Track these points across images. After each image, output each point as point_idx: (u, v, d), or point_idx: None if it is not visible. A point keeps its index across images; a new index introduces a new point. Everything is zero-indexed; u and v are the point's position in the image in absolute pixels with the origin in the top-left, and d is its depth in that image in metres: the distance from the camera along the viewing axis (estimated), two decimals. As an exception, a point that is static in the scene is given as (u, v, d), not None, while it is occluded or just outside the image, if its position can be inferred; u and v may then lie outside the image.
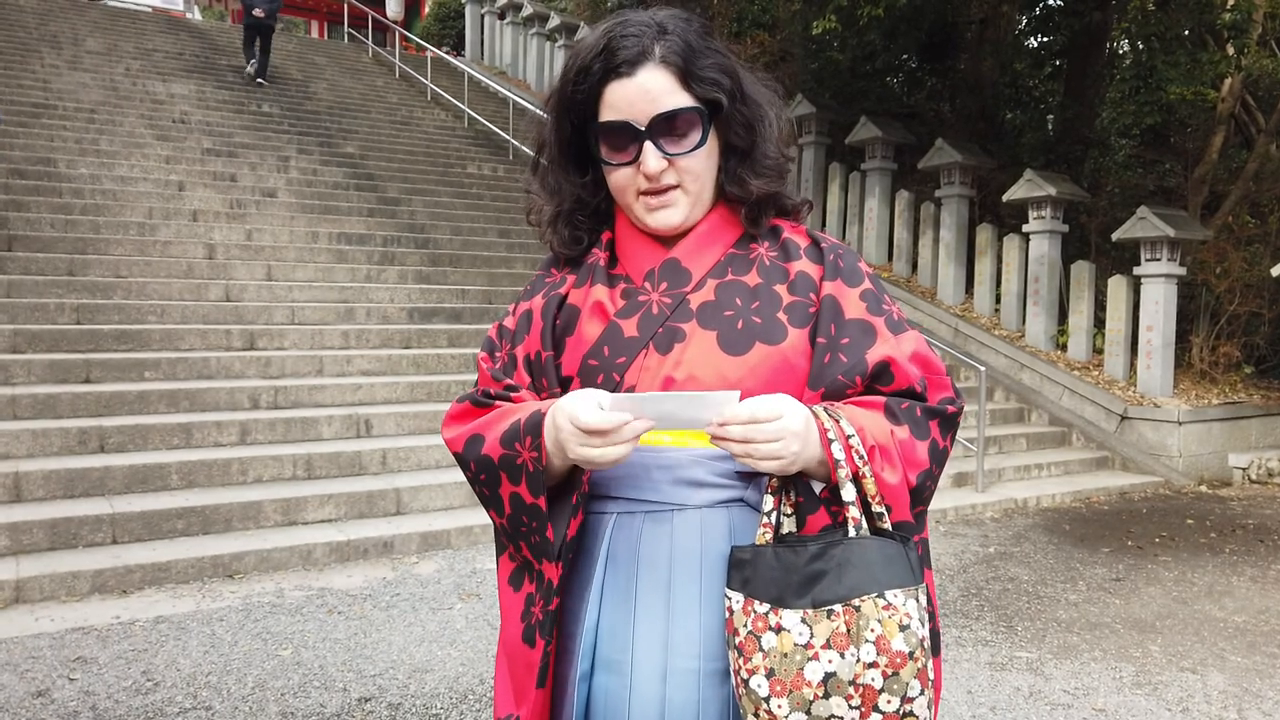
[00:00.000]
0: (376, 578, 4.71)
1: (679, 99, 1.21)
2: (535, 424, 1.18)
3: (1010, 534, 6.19)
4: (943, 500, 6.70)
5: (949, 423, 1.26)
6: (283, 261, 8.05)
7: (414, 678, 3.57)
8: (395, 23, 19.74)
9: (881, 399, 1.22)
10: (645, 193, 1.25)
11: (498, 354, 1.37)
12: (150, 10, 17.22)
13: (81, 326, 6.34)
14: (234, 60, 13.77)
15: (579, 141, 1.30)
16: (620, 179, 1.26)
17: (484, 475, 1.24)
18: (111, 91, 11.03)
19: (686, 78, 1.22)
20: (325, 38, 25.62)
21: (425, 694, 3.44)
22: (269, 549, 4.75)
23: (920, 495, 1.22)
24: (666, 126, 1.21)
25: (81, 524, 4.61)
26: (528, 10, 16.01)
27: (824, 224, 11.37)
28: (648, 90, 1.21)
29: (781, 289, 1.26)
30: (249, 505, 5.04)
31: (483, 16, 17.98)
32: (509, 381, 1.31)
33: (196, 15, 23.91)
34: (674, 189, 1.25)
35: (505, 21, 16.95)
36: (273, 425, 5.83)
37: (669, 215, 1.26)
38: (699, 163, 1.25)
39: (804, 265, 1.28)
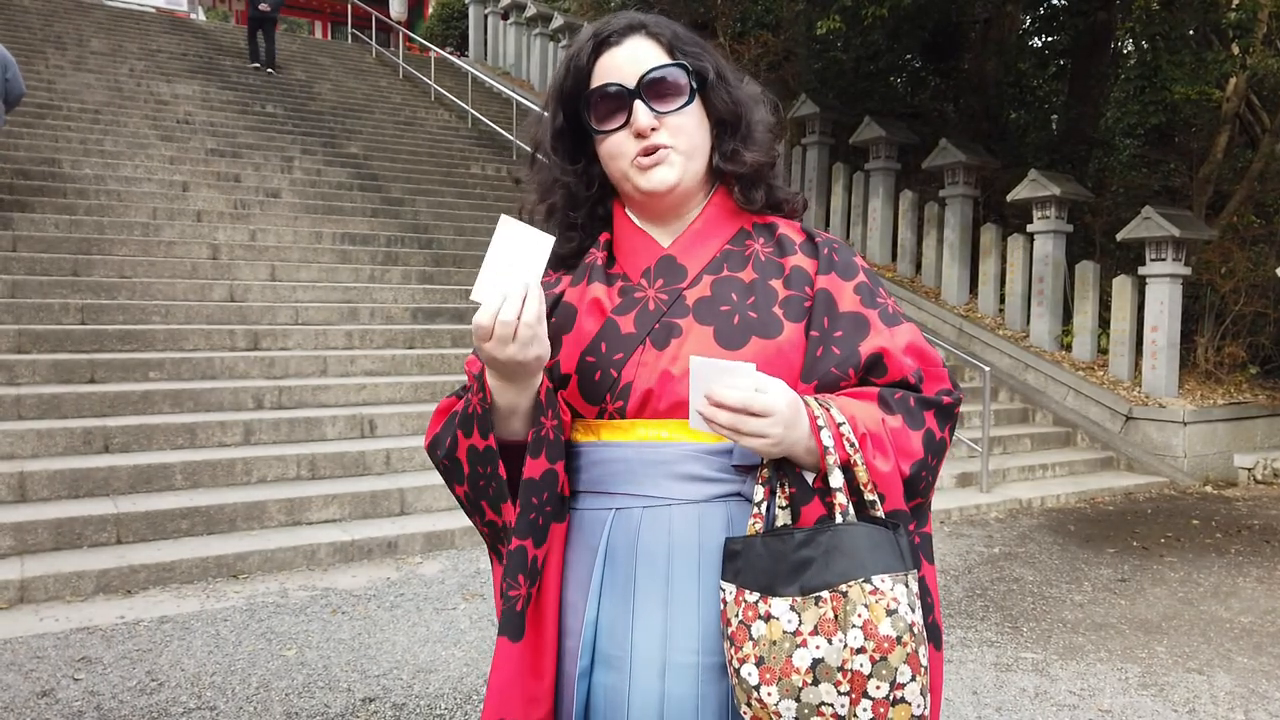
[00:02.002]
0: (380, 578, 4.71)
1: (666, 60, 1.26)
2: (483, 371, 1.21)
3: (1015, 534, 6.18)
4: (947, 500, 6.70)
5: (945, 414, 1.27)
6: (286, 262, 8.06)
7: (418, 678, 3.57)
8: (399, 23, 19.77)
9: (874, 390, 1.23)
10: (638, 155, 1.26)
11: None
12: (154, 11, 17.25)
13: (86, 326, 6.35)
14: (238, 61, 13.80)
15: (572, 131, 1.32)
16: (612, 146, 1.27)
17: (449, 441, 1.26)
18: (116, 92, 11.05)
19: (672, 49, 1.27)
20: (329, 38, 25.65)
21: (429, 694, 3.44)
22: (273, 549, 4.75)
23: (915, 485, 1.22)
24: (655, 86, 1.25)
25: (86, 524, 4.61)
26: (531, 11, 16.02)
27: (827, 224, 11.36)
28: (636, 55, 1.26)
29: (777, 284, 1.26)
30: (253, 505, 5.04)
31: (486, 17, 17.99)
32: None
33: (200, 16, 23.96)
34: (666, 149, 1.26)
35: (509, 22, 16.96)
36: (277, 425, 5.84)
37: (663, 173, 1.25)
38: (689, 121, 1.27)
39: (799, 260, 1.29)
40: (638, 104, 1.24)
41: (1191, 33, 10.02)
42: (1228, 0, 9.26)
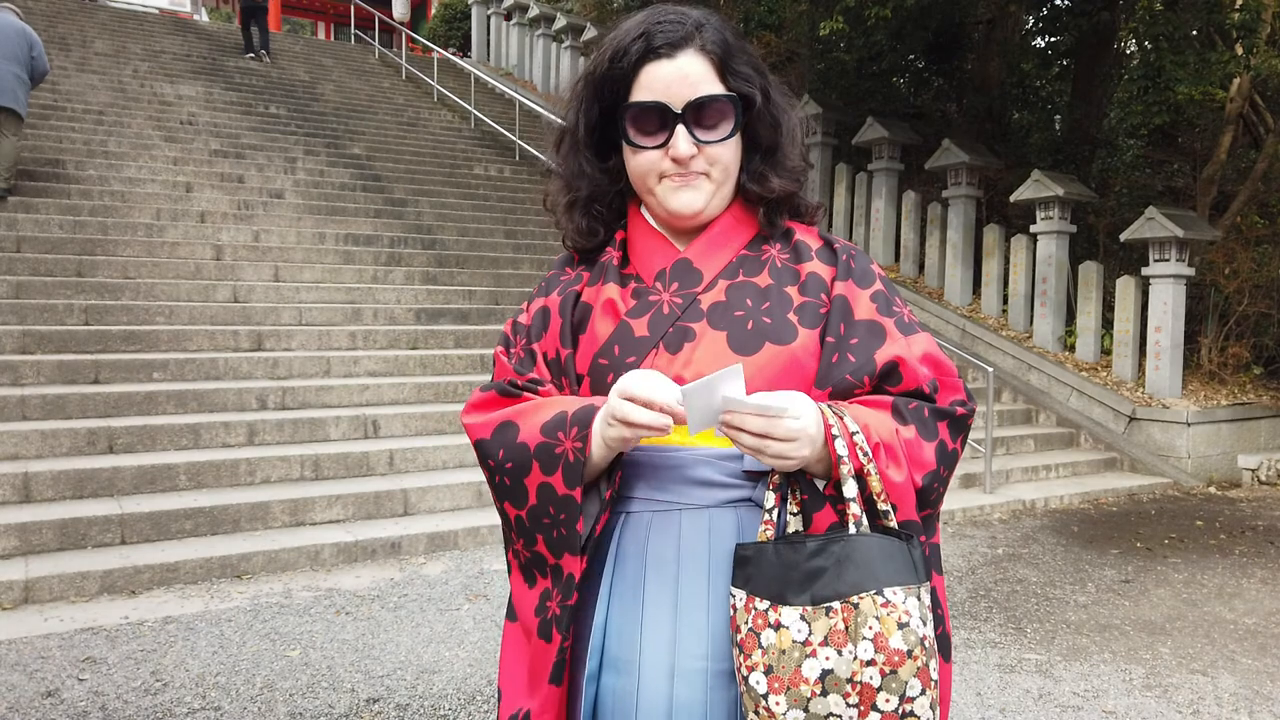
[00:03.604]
0: (384, 578, 4.71)
1: (716, 87, 1.23)
2: (586, 416, 1.18)
3: (1018, 535, 6.17)
4: (950, 502, 6.68)
5: (958, 425, 1.26)
6: (290, 262, 8.06)
7: (422, 679, 3.57)
8: (401, 24, 19.77)
9: (889, 399, 1.22)
10: (670, 175, 1.25)
11: (514, 349, 1.37)
12: (157, 12, 17.28)
13: (90, 327, 6.36)
14: (241, 61, 13.81)
15: (604, 126, 1.30)
16: (645, 162, 1.26)
17: (510, 463, 1.22)
18: (119, 93, 11.06)
19: (724, 69, 1.24)
20: (332, 39, 25.68)
21: (433, 695, 3.44)
22: (277, 549, 4.75)
23: (927, 497, 1.22)
24: (700, 113, 1.22)
25: (90, 524, 4.62)
26: (534, 11, 16.03)
27: (831, 225, 11.35)
28: (686, 74, 1.22)
29: (792, 290, 1.26)
30: (257, 506, 5.05)
31: (489, 17, 18.00)
32: (533, 375, 1.31)
33: (203, 17, 24.01)
34: (700, 175, 1.25)
35: (511, 23, 16.97)
36: (280, 426, 5.84)
37: (692, 197, 1.25)
38: (727, 152, 1.25)
39: (816, 266, 1.28)
40: (680, 130, 1.22)
41: (1195, 33, 9.99)
42: (1231, 0, 9.24)
